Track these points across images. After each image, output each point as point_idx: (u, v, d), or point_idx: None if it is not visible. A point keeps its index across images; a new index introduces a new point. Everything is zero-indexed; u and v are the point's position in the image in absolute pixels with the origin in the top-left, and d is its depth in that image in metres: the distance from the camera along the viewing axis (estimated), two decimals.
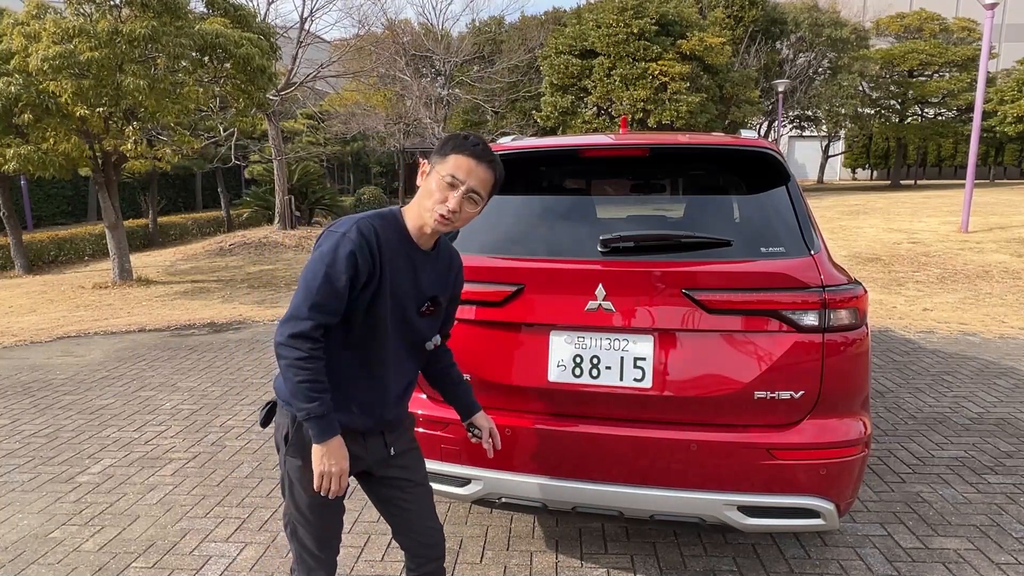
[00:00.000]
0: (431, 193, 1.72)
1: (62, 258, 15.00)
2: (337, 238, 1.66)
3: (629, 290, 2.25)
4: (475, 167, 1.71)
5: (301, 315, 1.64)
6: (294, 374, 1.63)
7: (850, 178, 40.41)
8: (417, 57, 27.58)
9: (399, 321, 1.79)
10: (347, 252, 1.64)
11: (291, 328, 1.64)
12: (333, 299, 1.65)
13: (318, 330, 1.65)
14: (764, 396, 2.16)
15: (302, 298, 1.65)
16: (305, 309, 1.64)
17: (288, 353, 1.64)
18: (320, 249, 1.68)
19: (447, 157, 1.72)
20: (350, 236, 1.65)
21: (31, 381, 5.49)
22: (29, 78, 8.36)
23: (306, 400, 1.63)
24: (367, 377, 1.80)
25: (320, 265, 1.65)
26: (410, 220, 1.78)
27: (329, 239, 1.68)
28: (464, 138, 1.75)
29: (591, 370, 2.28)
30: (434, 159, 1.75)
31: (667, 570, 2.67)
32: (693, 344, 2.23)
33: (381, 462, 1.89)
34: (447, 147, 1.74)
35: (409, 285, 1.78)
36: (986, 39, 12.00)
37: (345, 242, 1.65)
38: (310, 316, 1.63)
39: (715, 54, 21.78)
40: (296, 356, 1.63)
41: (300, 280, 1.68)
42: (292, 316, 1.65)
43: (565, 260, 2.36)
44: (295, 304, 1.65)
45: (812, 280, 2.17)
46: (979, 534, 2.89)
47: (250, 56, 9.65)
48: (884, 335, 6.21)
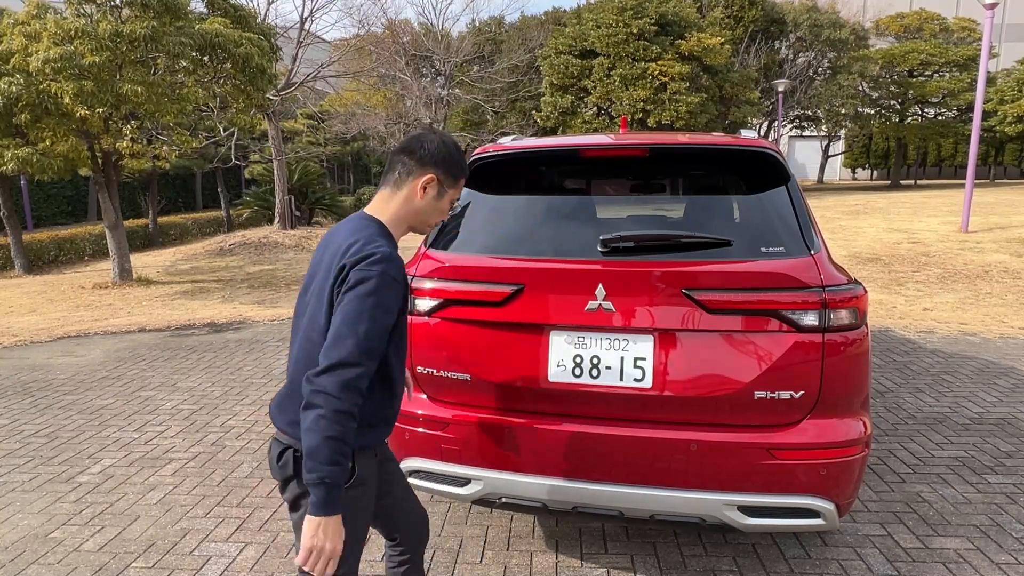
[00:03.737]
0: (441, 213, 1.80)
1: (62, 258, 15.00)
2: (380, 280, 1.56)
3: (629, 290, 2.25)
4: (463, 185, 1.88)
5: (354, 361, 1.49)
6: (326, 427, 1.44)
7: (850, 178, 40.43)
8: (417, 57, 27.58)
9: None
10: (394, 293, 1.59)
11: (343, 376, 1.48)
12: (382, 344, 1.58)
13: (366, 380, 1.53)
14: (764, 396, 2.16)
15: (353, 345, 1.50)
16: (358, 355, 1.50)
17: (329, 404, 1.46)
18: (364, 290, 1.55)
19: (459, 182, 1.80)
20: (392, 275, 1.59)
21: (31, 381, 5.49)
22: (29, 78, 8.36)
23: (330, 461, 1.44)
24: (395, 390, 1.78)
25: (370, 309, 1.54)
26: (396, 228, 1.75)
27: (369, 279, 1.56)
28: (465, 158, 1.81)
29: (591, 370, 2.28)
30: (445, 180, 1.75)
31: (667, 570, 2.67)
32: (693, 344, 2.23)
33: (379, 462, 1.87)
34: (460, 172, 1.79)
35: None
36: (986, 39, 12.00)
37: (391, 283, 1.58)
38: (363, 362, 1.51)
39: (714, 54, 21.79)
40: (337, 407, 1.46)
41: (345, 322, 1.53)
42: (343, 363, 1.49)
43: (565, 260, 2.36)
44: (346, 352, 1.49)
45: (812, 280, 2.17)
46: (979, 534, 2.89)
47: (250, 56, 9.65)
48: (884, 335, 6.21)
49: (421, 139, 1.77)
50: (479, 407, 2.43)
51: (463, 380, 2.41)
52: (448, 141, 1.78)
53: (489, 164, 2.66)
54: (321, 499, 1.45)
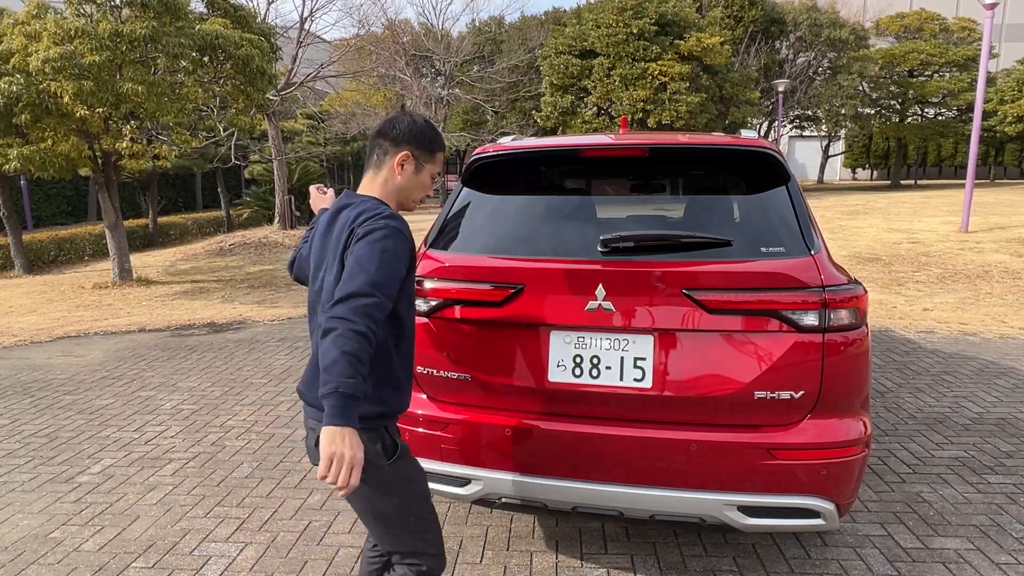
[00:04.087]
0: (423, 187, 1.91)
1: (62, 258, 15.01)
2: (386, 227, 1.68)
3: (629, 290, 2.25)
4: (443, 158, 1.98)
5: (366, 291, 1.58)
6: (342, 343, 1.50)
7: (850, 178, 40.43)
8: (417, 57, 27.60)
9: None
10: (400, 239, 1.70)
11: (356, 303, 1.56)
12: (392, 285, 1.65)
13: (381, 312, 1.60)
14: (764, 396, 2.16)
15: (365, 278, 1.59)
16: (370, 286, 1.58)
17: (346, 325, 1.53)
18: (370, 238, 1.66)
19: (436, 156, 1.91)
20: (396, 224, 1.70)
21: (31, 381, 5.49)
22: (29, 78, 8.36)
23: (346, 374, 1.49)
24: (411, 358, 1.90)
25: (379, 251, 1.64)
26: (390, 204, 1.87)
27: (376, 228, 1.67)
28: (439, 135, 1.92)
29: (591, 370, 2.28)
30: (421, 155, 1.87)
31: (667, 570, 2.67)
32: (693, 344, 2.23)
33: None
34: (435, 146, 1.90)
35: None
36: (986, 39, 12.00)
37: (396, 230, 1.69)
38: (376, 293, 1.59)
39: (714, 54, 21.79)
40: (353, 328, 1.52)
41: (358, 260, 1.63)
42: (356, 293, 1.57)
43: (565, 260, 2.36)
44: (359, 283, 1.58)
45: (812, 280, 2.17)
46: (979, 534, 2.89)
47: (250, 57, 9.65)
48: (884, 335, 6.21)
49: (393, 120, 1.89)
50: (479, 407, 2.43)
51: (463, 380, 2.41)
52: (419, 120, 1.89)
53: (489, 164, 2.66)
54: (337, 408, 1.48)
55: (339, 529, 3.05)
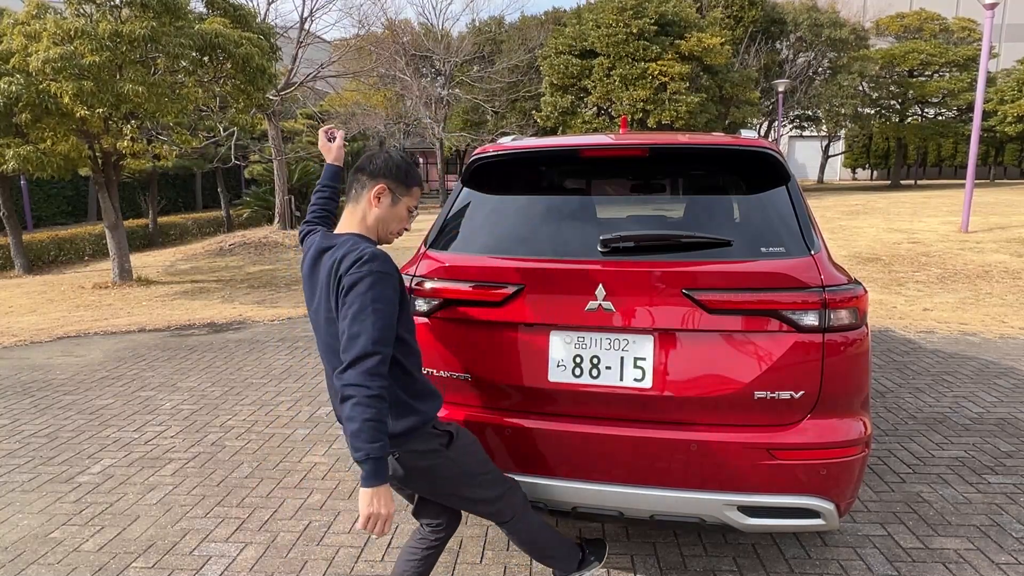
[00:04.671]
0: (400, 220, 2.05)
1: (62, 258, 15.01)
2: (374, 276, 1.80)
3: (629, 290, 2.25)
4: (420, 193, 2.12)
5: (369, 352, 1.74)
6: (361, 412, 1.70)
7: (850, 178, 40.43)
8: (417, 57, 27.60)
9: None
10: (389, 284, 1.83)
11: (363, 367, 1.73)
12: (391, 331, 1.82)
13: (385, 366, 1.77)
14: (764, 396, 2.16)
15: (366, 339, 1.75)
16: (371, 345, 1.74)
17: (357, 392, 1.71)
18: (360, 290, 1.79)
19: (412, 190, 2.05)
20: (384, 270, 1.82)
21: (31, 381, 5.49)
22: (29, 78, 8.36)
23: (370, 440, 1.70)
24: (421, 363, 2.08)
25: (377, 302, 1.78)
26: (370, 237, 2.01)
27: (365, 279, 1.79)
28: (415, 169, 2.06)
29: (591, 370, 2.28)
30: (397, 188, 2.00)
31: (667, 570, 2.67)
32: (693, 344, 2.23)
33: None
34: (410, 180, 2.04)
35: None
36: (986, 39, 12.00)
37: (384, 277, 1.82)
38: (377, 350, 1.75)
39: (714, 54, 21.79)
40: (367, 394, 1.71)
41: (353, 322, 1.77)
42: (361, 355, 1.74)
43: (565, 260, 2.36)
44: (362, 345, 1.74)
45: (812, 280, 2.17)
46: (979, 534, 2.89)
47: (250, 56, 9.64)
48: (884, 335, 6.21)
49: (371, 157, 2.02)
50: (479, 407, 2.43)
51: (463, 380, 2.41)
52: (395, 155, 2.02)
53: (489, 164, 2.66)
54: (370, 473, 1.72)
55: (339, 529, 3.05)
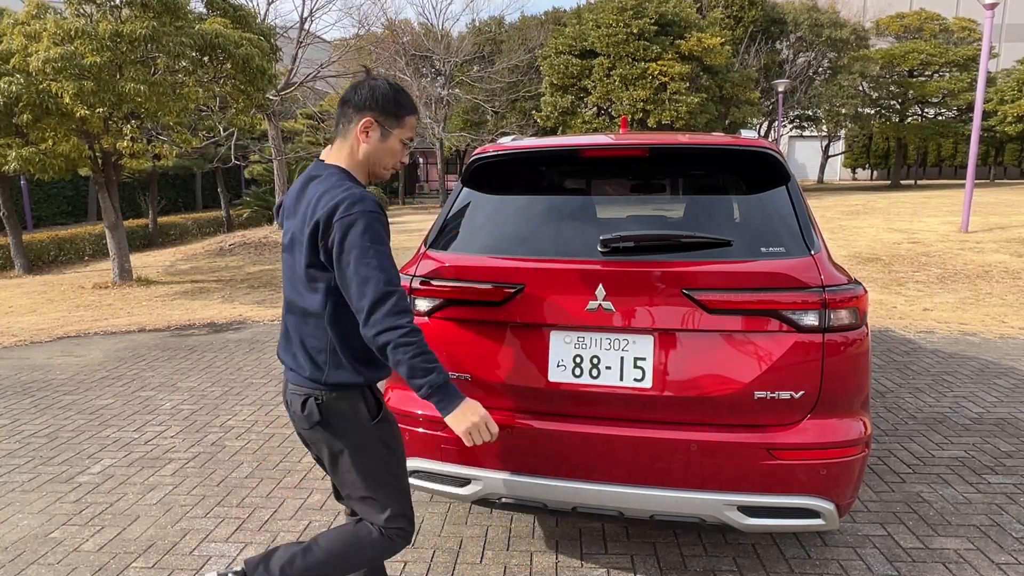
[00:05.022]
0: (393, 154, 1.88)
1: (62, 258, 15.00)
2: (365, 217, 1.71)
3: (629, 290, 2.25)
4: (416, 122, 1.92)
5: (385, 292, 1.67)
6: (403, 352, 1.66)
7: (850, 178, 40.42)
8: (417, 57, 27.59)
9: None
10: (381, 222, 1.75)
11: (385, 309, 1.67)
12: (394, 269, 1.75)
13: (404, 300, 1.72)
14: (764, 396, 2.16)
15: (376, 281, 1.68)
16: (385, 284, 1.68)
17: (391, 336, 1.66)
18: (355, 234, 1.70)
19: (403, 121, 1.86)
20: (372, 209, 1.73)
21: (31, 381, 5.49)
22: (30, 78, 8.36)
23: (427, 373, 1.67)
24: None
25: (376, 242, 1.71)
26: (357, 174, 1.87)
27: (357, 222, 1.71)
28: (406, 96, 1.87)
29: (591, 370, 2.28)
30: (386, 120, 1.83)
31: (667, 570, 2.67)
32: (693, 344, 2.23)
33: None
34: (401, 111, 1.85)
35: None
36: (986, 39, 12.00)
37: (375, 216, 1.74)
38: (392, 287, 1.69)
39: (714, 54, 21.79)
40: (401, 333, 1.66)
41: (358, 268, 1.69)
42: (378, 299, 1.67)
43: (565, 260, 2.37)
44: (375, 287, 1.67)
45: (812, 280, 2.17)
46: (979, 534, 2.89)
47: (250, 56, 9.64)
48: (884, 335, 6.21)
49: (356, 87, 1.85)
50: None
51: (463, 380, 2.41)
52: (382, 84, 1.84)
53: (489, 164, 2.66)
54: (442, 400, 1.72)
55: None
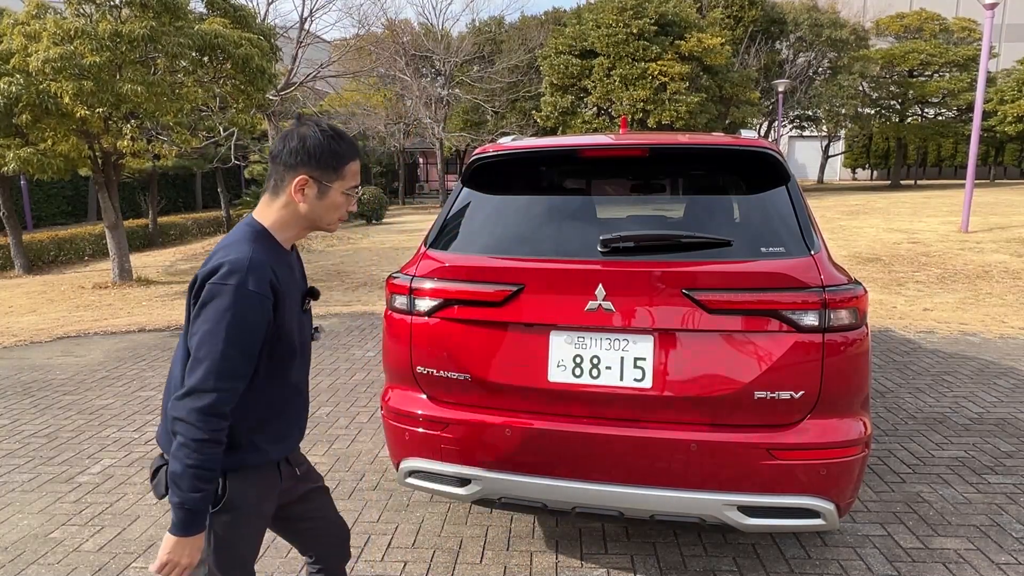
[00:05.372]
0: (337, 208, 1.64)
1: (62, 258, 15.00)
2: (234, 294, 1.46)
3: (629, 290, 2.25)
4: (359, 166, 1.68)
5: (208, 387, 1.45)
6: (186, 455, 1.43)
7: (850, 178, 40.42)
8: (417, 57, 27.60)
9: (296, 333, 1.67)
10: (255, 306, 1.49)
11: (198, 403, 1.44)
12: (246, 363, 1.50)
13: (228, 404, 1.48)
14: (764, 396, 2.16)
15: (207, 369, 1.44)
16: (213, 380, 1.45)
17: (188, 432, 1.44)
18: (216, 307, 1.47)
19: (343, 171, 1.62)
20: (250, 287, 1.48)
21: (31, 381, 5.49)
22: (29, 78, 8.36)
23: (191, 489, 1.45)
24: (294, 399, 1.72)
25: (224, 328, 1.46)
26: (284, 231, 1.64)
27: (222, 295, 1.47)
28: (343, 143, 1.62)
29: (591, 370, 2.28)
30: (323, 175, 1.59)
31: (667, 570, 2.67)
32: (693, 344, 2.23)
33: (290, 484, 1.79)
34: (339, 160, 1.60)
35: (294, 292, 1.66)
36: (986, 39, 12.00)
37: (247, 296, 1.48)
38: (219, 387, 1.45)
39: (714, 55, 21.80)
40: (195, 437, 1.43)
41: (201, 344, 1.46)
42: (196, 389, 1.44)
43: (565, 260, 2.37)
44: (199, 377, 1.45)
45: (812, 280, 2.17)
46: (979, 534, 2.89)
47: (250, 56, 9.65)
48: (884, 335, 6.21)
49: (284, 139, 1.61)
50: (479, 407, 2.43)
51: (463, 380, 2.41)
52: (313, 134, 1.59)
53: (489, 164, 2.66)
54: (180, 521, 1.46)
55: None
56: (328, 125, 1.63)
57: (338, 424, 4.32)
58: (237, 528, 1.63)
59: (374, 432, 4.15)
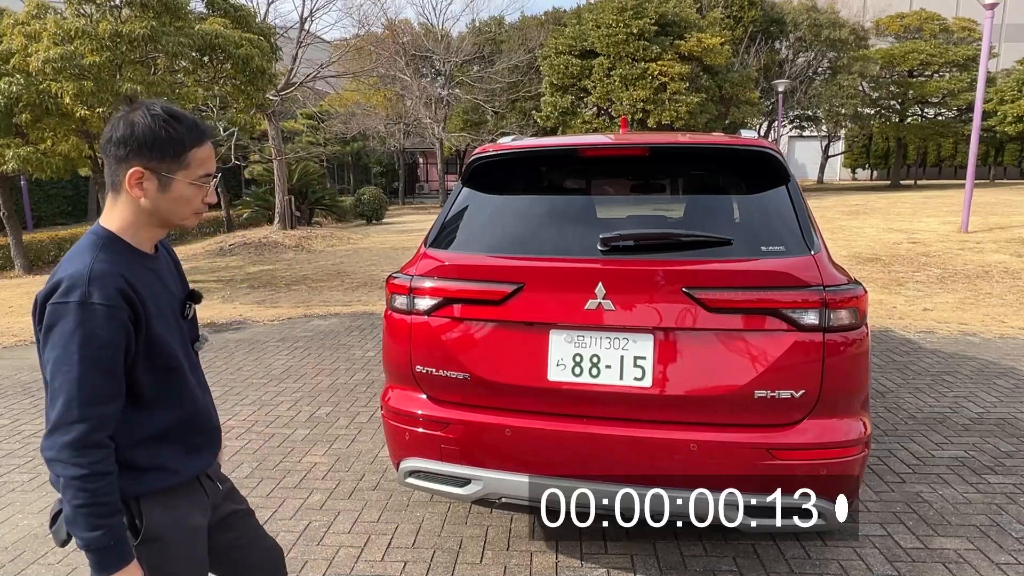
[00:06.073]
0: (186, 201, 1.45)
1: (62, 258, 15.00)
2: (78, 311, 1.29)
3: (629, 288, 2.25)
4: (211, 151, 1.49)
5: (72, 419, 1.28)
6: (72, 496, 1.28)
7: (850, 178, 40.42)
8: (417, 57, 27.62)
9: (178, 341, 1.52)
10: (105, 320, 1.31)
11: (65, 438, 1.28)
12: (110, 384, 1.33)
13: (101, 431, 1.31)
14: (765, 396, 2.16)
15: (65, 399, 1.28)
16: (76, 410, 1.28)
17: (66, 471, 1.28)
18: (62, 331, 1.30)
19: (185, 158, 1.42)
20: (95, 300, 1.30)
21: (31, 381, 5.49)
22: (29, 78, 8.37)
23: (89, 528, 1.30)
24: (194, 411, 1.55)
25: (76, 351, 1.29)
26: (136, 232, 1.46)
27: (66, 315, 1.30)
28: (181, 126, 1.41)
29: (591, 369, 2.28)
30: (160, 166, 1.39)
31: (667, 570, 2.67)
32: (693, 343, 2.23)
33: (216, 502, 1.65)
34: (177, 146, 1.40)
35: (165, 299, 1.50)
36: (986, 39, 12.00)
37: (94, 311, 1.30)
38: (85, 416, 1.29)
39: (714, 55, 21.81)
40: (74, 475, 1.28)
41: (55, 373, 1.30)
42: (60, 423, 1.29)
43: (565, 259, 2.37)
44: (57, 412, 1.29)
45: (812, 279, 2.17)
46: (979, 534, 2.89)
47: (250, 56, 9.65)
48: (884, 335, 6.21)
49: (112, 127, 1.41)
50: (478, 407, 2.43)
51: (462, 379, 2.41)
52: (142, 118, 1.38)
53: (489, 164, 2.66)
54: (95, 562, 1.33)
55: (339, 529, 3.04)
56: (163, 107, 1.41)
57: (338, 424, 4.32)
58: (167, 555, 1.48)
59: (374, 432, 4.15)
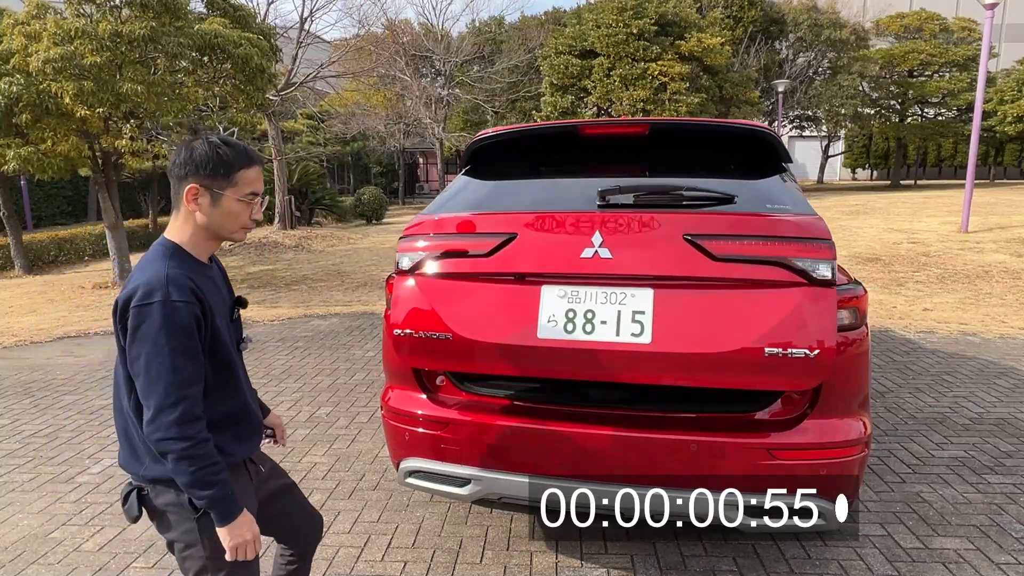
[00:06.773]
0: (235, 216, 1.70)
1: (62, 258, 14.99)
2: (161, 309, 1.53)
3: (628, 237, 2.16)
4: (259, 173, 1.73)
5: (170, 403, 1.53)
6: (186, 467, 1.54)
7: (850, 178, 40.42)
8: (417, 57, 27.63)
9: (231, 341, 1.77)
10: (185, 314, 1.56)
11: (167, 419, 1.52)
12: (196, 367, 1.58)
13: (197, 407, 1.57)
14: (776, 353, 2.04)
15: (165, 385, 1.53)
16: (174, 394, 1.53)
17: (174, 447, 1.53)
18: (150, 328, 1.53)
19: (235, 178, 1.67)
20: (175, 298, 1.55)
21: (31, 381, 5.49)
22: (30, 78, 8.37)
23: (204, 487, 1.56)
24: (244, 403, 1.79)
25: (165, 343, 1.53)
26: (197, 246, 1.72)
27: (151, 315, 1.53)
28: (232, 150, 1.67)
29: (585, 325, 2.15)
30: (213, 183, 1.65)
31: (667, 570, 2.67)
32: (697, 296, 2.13)
33: (259, 482, 1.89)
34: (229, 168, 1.66)
35: (219, 302, 1.73)
36: (986, 39, 12.00)
37: (175, 308, 1.55)
38: (180, 399, 1.54)
39: (714, 55, 21.81)
40: (183, 448, 1.53)
41: (148, 365, 1.53)
42: (162, 406, 1.53)
43: (560, 212, 2.31)
44: (158, 397, 1.53)
45: (822, 233, 2.13)
46: (979, 534, 2.89)
47: (249, 56, 9.65)
48: (884, 335, 6.21)
49: (176, 153, 1.70)
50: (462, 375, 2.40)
51: (443, 340, 2.29)
52: (201, 145, 1.66)
53: (490, 145, 2.69)
54: (219, 515, 1.60)
55: (339, 529, 3.04)
56: (219, 137, 1.70)
57: (338, 424, 4.32)
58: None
59: (374, 432, 4.15)
